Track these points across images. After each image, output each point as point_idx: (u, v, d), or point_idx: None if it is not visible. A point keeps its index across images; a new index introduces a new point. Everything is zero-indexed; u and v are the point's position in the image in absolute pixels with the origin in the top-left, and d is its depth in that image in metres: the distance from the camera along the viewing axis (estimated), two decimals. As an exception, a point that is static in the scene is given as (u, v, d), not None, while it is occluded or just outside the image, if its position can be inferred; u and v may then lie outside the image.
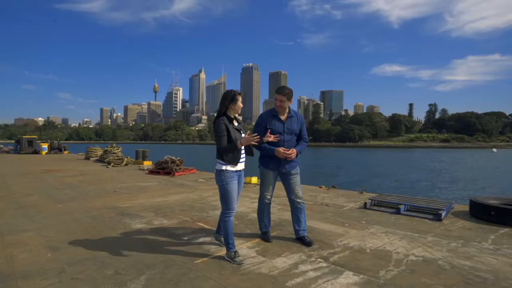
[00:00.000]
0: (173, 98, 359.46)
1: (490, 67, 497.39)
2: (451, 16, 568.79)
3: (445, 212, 4.45)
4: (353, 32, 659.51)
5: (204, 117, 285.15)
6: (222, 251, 3.09)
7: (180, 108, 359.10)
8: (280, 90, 3.26)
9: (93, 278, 2.56)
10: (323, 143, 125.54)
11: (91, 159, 16.30)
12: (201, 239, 3.55)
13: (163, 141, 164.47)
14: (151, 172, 10.06)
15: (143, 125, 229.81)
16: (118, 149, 14.83)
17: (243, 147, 2.95)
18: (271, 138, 3.07)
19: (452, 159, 45.92)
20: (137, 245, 3.36)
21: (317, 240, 3.43)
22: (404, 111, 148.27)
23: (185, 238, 3.60)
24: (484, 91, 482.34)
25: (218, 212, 4.80)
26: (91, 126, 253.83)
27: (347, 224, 4.15)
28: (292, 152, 3.22)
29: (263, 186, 3.44)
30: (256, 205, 5.26)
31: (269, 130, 3.14)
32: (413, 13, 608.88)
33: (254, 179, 7.99)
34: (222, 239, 3.11)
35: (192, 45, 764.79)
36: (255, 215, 4.68)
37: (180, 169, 9.69)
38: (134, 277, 2.56)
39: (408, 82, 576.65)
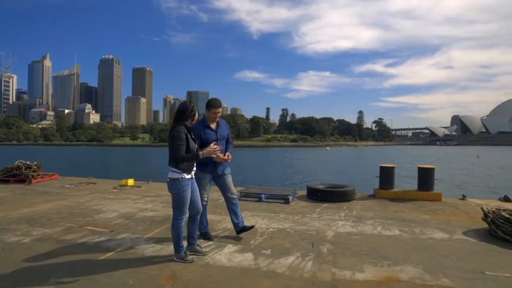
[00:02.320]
0: (3, 88, 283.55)
1: (324, 82, 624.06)
2: (298, 36, 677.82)
3: (292, 196, 6.11)
4: (219, 37, 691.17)
5: (50, 112, 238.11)
6: (124, 246, 3.50)
7: (15, 100, 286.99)
8: (216, 104, 3.55)
9: (-10, 289, 2.55)
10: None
11: None
12: (97, 240, 3.77)
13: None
14: (-4, 181, 8.43)
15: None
16: None
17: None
18: (217, 148, 3.21)
19: (298, 156, 55.70)
20: (26, 256, 3.27)
21: (203, 227, 4.24)
22: (262, 114, 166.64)
23: (79, 241, 3.72)
24: (320, 100, 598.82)
25: (103, 215, 4.97)
26: None
27: (223, 213, 5.13)
28: (229, 156, 3.63)
29: (199, 189, 3.53)
30: (138, 205, 5.67)
31: (211, 141, 3.36)
32: (269, 28, 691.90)
33: (131, 181, 8.10)
34: (198, 248, 3.26)
35: (31, 23, 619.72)
36: (142, 214, 5.09)
37: (38, 175, 8.56)
38: (42, 281, 2.68)
39: (265, 88, 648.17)
